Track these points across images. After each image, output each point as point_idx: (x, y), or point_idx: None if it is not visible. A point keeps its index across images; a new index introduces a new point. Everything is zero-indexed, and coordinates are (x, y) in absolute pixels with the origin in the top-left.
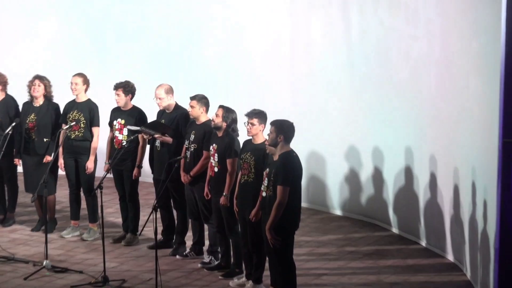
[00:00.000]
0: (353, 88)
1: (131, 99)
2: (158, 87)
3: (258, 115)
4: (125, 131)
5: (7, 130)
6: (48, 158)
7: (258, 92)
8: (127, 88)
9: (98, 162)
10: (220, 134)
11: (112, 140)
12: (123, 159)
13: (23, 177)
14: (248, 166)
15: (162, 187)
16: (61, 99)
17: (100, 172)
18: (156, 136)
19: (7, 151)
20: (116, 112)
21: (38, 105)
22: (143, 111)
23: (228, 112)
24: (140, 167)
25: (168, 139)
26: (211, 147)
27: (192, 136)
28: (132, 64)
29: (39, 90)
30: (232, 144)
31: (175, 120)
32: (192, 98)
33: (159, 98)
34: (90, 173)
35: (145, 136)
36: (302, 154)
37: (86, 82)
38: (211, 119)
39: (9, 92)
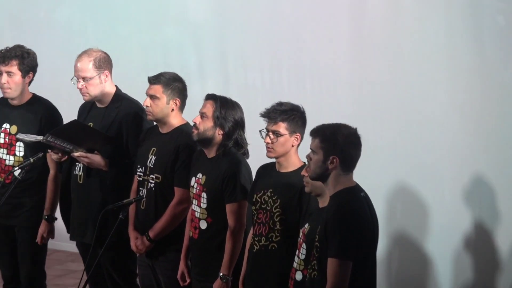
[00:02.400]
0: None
1: (30, 82)
2: (81, 55)
3: (286, 115)
4: (19, 148)
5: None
6: None
7: (291, 73)
8: (24, 59)
9: None
10: (211, 153)
11: None
12: (16, 204)
13: None
14: (267, 218)
15: (94, 260)
16: None
17: None
18: (75, 154)
19: None
20: (1, 111)
21: None
22: (53, 105)
23: (226, 109)
24: (51, 219)
25: (99, 159)
26: (193, 180)
27: (152, 158)
28: (49, 20)
29: None
30: (237, 173)
31: (115, 123)
32: (153, 81)
33: (83, 78)
34: None
35: (53, 156)
36: (377, 196)
37: None
38: (193, 123)
39: None
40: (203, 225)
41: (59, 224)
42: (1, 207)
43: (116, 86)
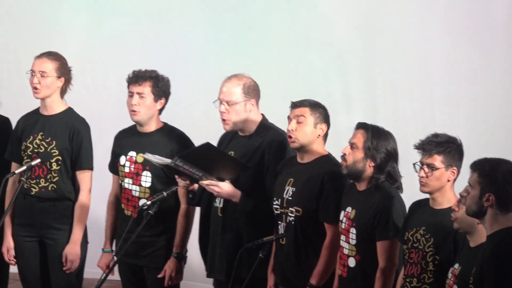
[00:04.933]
0: None
1: (162, 110)
2: (230, 78)
3: (442, 147)
4: (145, 178)
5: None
6: None
7: (443, 102)
8: (159, 82)
9: (91, 246)
10: (361, 186)
11: (117, 200)
12: (144, 242)
13: None
14: (420, 258)
15: None
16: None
17: (92, 269)
18: (204, 182)
19: None
20: (128, 139)
21: None
22: (186, 136)
23: (378, 139)
24: (181, 257)
25: (230, 190)
26: (342, 215)
27: (289, 190)
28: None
29: None
30: (390, 208)
31: (258, 152)
32: (298, 104)
33: (227, 102)
34: (73, 271)
35: (180, 183)
36: None
37: (63, 71)
38: (342, 154)
39: None
40: (352, 262)
41: (196, 262)
42: (133, 246)
43: (262, 115)
